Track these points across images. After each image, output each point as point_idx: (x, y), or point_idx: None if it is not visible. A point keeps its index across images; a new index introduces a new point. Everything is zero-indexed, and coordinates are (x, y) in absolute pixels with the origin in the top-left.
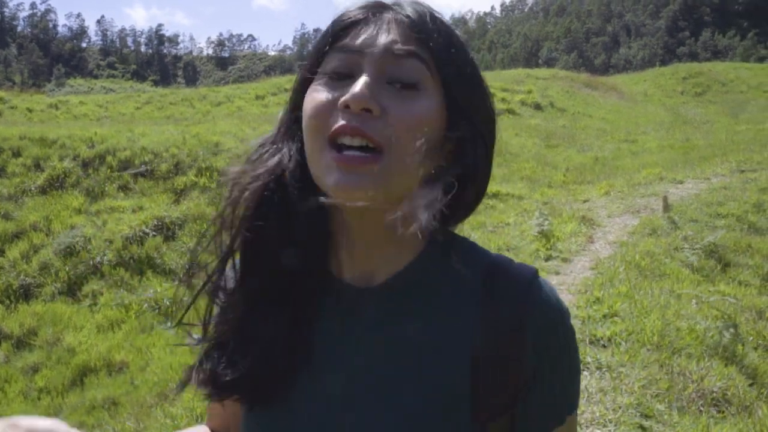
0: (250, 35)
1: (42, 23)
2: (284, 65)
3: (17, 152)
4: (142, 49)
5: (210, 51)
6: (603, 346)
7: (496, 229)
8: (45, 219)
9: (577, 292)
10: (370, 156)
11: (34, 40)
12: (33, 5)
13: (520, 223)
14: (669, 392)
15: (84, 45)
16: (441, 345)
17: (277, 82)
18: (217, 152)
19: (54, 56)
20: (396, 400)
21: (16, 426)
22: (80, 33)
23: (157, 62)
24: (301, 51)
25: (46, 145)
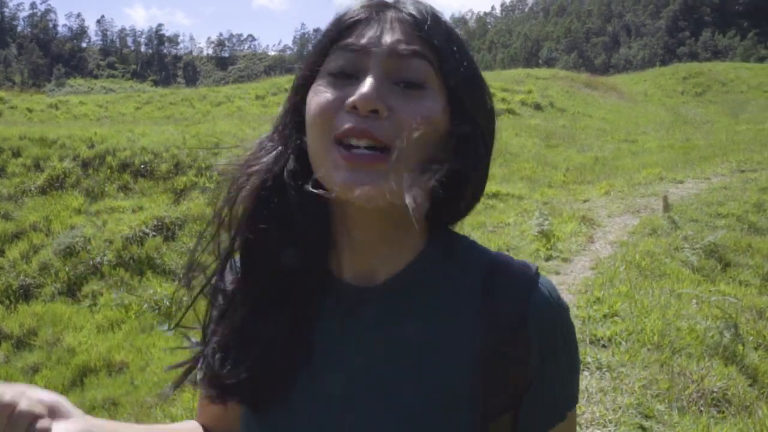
0: (250, 35)
1: (42, 23)
2: (284, 65)
3: (17, 152)
4: (142, 49)
5: (210, 51)
6: (603, 346)
7: (496, 229)
8: (45, 219)
9: (577, 292)
10: (378, 154)
11: (34, 40)
12: (33, 5)
13: (520, 223)
14: (669, 392)
15: (84, 45)
16: (441, 345)
17: (277, 82)
18: (217, 152)
19: (54, 56)
20: (396, 400)
21: (25, 395)
22: (80, 33)
23: (157, 62)
24: (301, 51)
25: (46, 145)
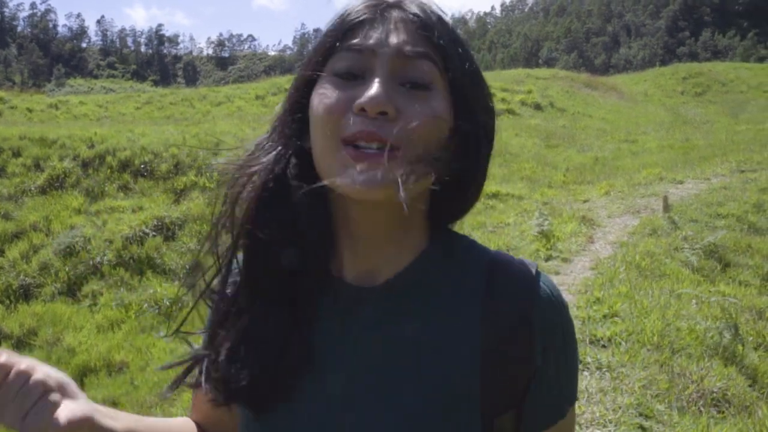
0: (250, 35)
1: (42, 23)
2: (284, 65)
3: (17, 152)
4: (142, 49)
5: (210, 51)
6: (603, 346)
7: (496, 229)
8: (45, 219)
9: (577, 292)
10: (387, 153)
11: (34, 40)
12: (33, 5)
13: (520, 223)
14: (669, 392)
15: (84, 45)
16: (441, 344)
17: (277, 82)
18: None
19: (54, 56)
20: (396, 400)
21: (34, 368)
22: (80, 33)
23: (157, 62)
24: (301, 51)
25: (46, 145)
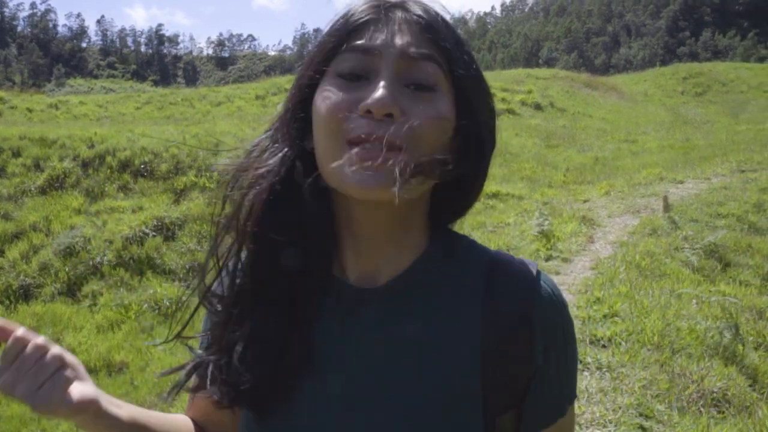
0: (250, 35)
1: (42, 23)
2: (284, 65)
3: (17, 152)
4: (142, 49)
5: (210, 51)
6: (603, 346)
7: (496, 229)
8: (45, 219)
9: (577, 292)
10: (390, 153)
11: (34, 40)
12: (33, 5)
13: (520, 223)
14: (669, 392)
15: (84, 45)
16: (441, 344)
17: (277, 82)
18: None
19: (54, 56)
20: (396, 400)
21: (51, 344)
22: (80, 33)
23: (157, 62)
24: (301, 51)
25: (46, 145)
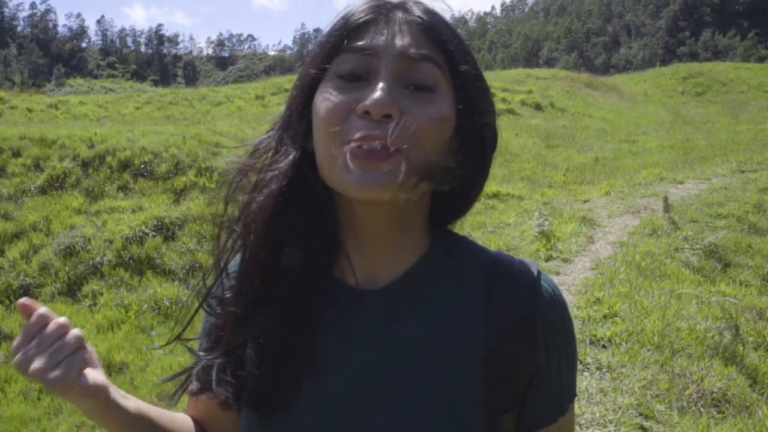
0: (250, 35)
1: (42, 23)
2: (284, 65)
3: (17, 152)
4: (142, 49)
5: (210, 51)
6: (603, 346)
7: (496, 230)
8: (45, 219)
9: (577, 292)
10: (388, 152)
11: (34, 40)
12: (33, 5)
13: (520, 224)
14: (669, 393)
15: (84, 45)
16: (442, 345)
17: (277, 82)
18: (217, 152)
19: (54, 56)
20: (396, 401)
21: (69, 326)
22: (80, 33)
23: (157, 62)
24: (301, 51)
25: (46, 145)
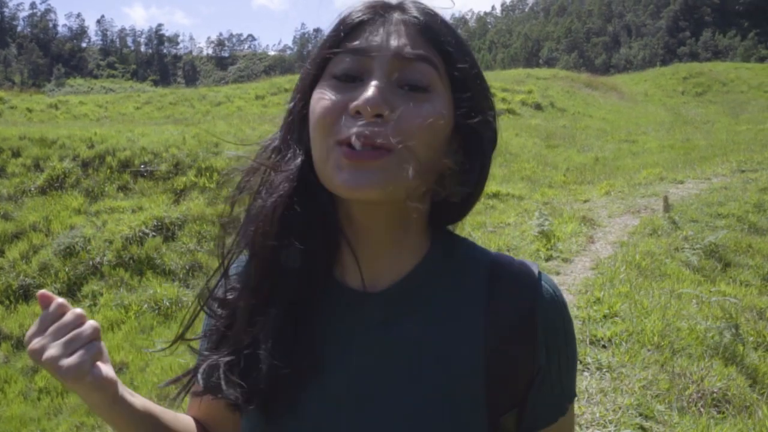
0: (250, 35)
1: (42, 23)
2: (284, 65)
3: (17, 152)
4: (142, 49)
5: (210, 51)
6: (603, 346)
7: (496, 230)
8: (45, 219)
9: (577, 292)
10: (380, 152)
11: (34, 40)
12: (33, 5)
13: (520, 224)
14: (669, 393)
15: (84, 45)
16: (442, 345)
17: (277, 82)
18: (217, 152)
19: (54, 56)
20: (397, 401)
21: (85, 317)
22: (80, 33)
23: (156, 62)
24: (301, 51)
25: (45, 145)
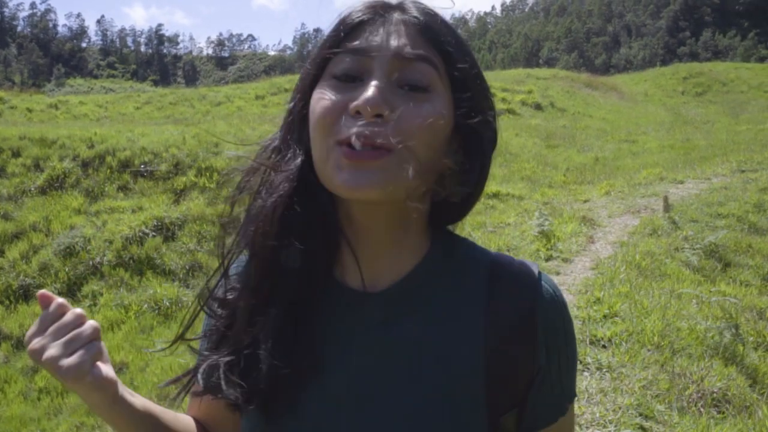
0: (250, 35)
1: (42, 23)
2: (284, 65)
3: (17, 152)
4: (142, 49)
5: (210, 51)
6: (603, 346)
7: (496, 230)
8: (45, 219)
9: (577, 292)
10: (380, 152)
11: (34, 40)
12: (33, 5)
13: (520, 224)
14: (669, 393)
15: (84, 45)
16: (442, 345)
17: (277, 82)
18: (217, 152)
19: (54, 56)
20: (397, 401)
21: (86, 317)
22: (80, 33)
23: (156, 62)
24: (301, 51)
25: (45, 145)
